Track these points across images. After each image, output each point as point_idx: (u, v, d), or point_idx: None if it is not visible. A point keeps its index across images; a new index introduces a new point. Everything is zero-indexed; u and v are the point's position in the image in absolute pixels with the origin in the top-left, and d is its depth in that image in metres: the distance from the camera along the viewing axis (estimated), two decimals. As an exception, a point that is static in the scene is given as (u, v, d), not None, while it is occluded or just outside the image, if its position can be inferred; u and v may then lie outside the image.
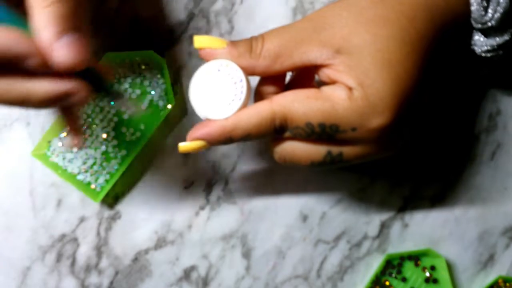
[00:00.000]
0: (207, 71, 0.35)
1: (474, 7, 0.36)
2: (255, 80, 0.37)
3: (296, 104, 0.33)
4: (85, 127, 0.44)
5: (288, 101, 0.33)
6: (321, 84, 0.35)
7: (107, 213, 0.46)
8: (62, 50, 0.27)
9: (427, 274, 0.49)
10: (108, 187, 0.44)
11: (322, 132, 0.33)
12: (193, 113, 0.45)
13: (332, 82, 0.34)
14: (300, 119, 0.33)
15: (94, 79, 0.30)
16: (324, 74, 0.34)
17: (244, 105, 0.34)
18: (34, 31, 0.27)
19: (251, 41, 0.34)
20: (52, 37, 0.27)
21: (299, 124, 0.33)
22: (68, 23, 0.27)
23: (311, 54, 0.33)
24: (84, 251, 0.46)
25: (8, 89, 0.27)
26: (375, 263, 0.48)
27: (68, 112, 0.34)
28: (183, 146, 0.35)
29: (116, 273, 0.46)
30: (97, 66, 0.31)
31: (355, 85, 0.32)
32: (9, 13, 0.27)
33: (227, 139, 0.34)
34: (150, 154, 0.45)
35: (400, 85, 0.33)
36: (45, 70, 0.27)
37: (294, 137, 0.35)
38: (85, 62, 0.28)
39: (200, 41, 0.34)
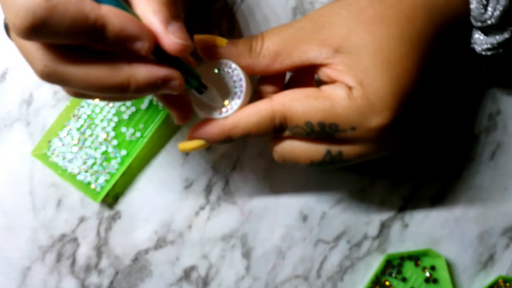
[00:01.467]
0: (206, 70, 0.34)
1: (473, 5, 0.36)
2: (254, 79, 0.37)
3: (296, 103, 0.33)
4: (85, 127, 0.44)
5: (288, 100, 0.33)
6: (320, 83, 0.35)
7: (107, 213, 0.46)
8: (174, 35, 0.28)
9: (427, 274, 0.49)
10: (108, 187, 0.44)
11: (322, 131, 0.33)
12: (193, 112, 0.45)
13: (332, 82, 0.34)
14: (299, 118, 0.33)
15: (183, 69, 0.30)
16: (323, 73, 0.34)
17: (244, 104, 0.34)
18: (141, 16, 0.28)
19: (251, 40, 0.34)
20: (163, 22, 0.28)
21: (299, 123, 0.33)
22: (174, 10, 0.28)
23: (311, 53, 0.33)
24: (84, 251, 0.46)
25: (111, 74, 0.28)
26: (375, 263, 0.48)
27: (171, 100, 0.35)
28: (183, 145, 0.35)
29: (116, 273, 0.46)
30: (185, 57, 0.32)
31: (355, 84, 0.32)
32: None
33: (227, 138, 0.34)
34: (150, 154, 0.45)
35: (399, 84, 0.33)
36: (147, 54, 0.28)
37: (293, 136, 0.35)
38: (190, 49, 0.29)
39: (200, 40, 0.34)
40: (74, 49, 0.27)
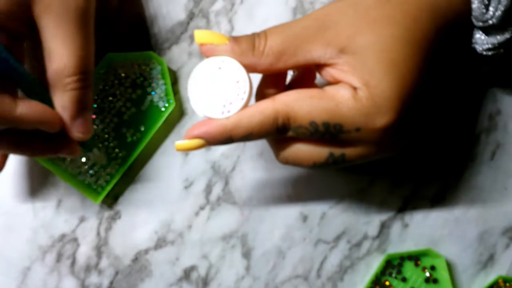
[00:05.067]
0: (207, 68, 0.34)
1: (475, 5, 0.36)
2: (255, 79, 0.37)
3: (300, 102, 0.33)
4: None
5: (292, 99, 0.33)
6: (322, 84, 0.35)
7: (107, 213, 0.46)
8: (79, 128, 0.35)
9: (427, 274, 0.49)
10: (108, 188, 0.44)
11: (326, 132, 0.33)
12: (193, 113, 0.45)
13: (336, 82, 0.34)
14: (304, 117, 0.33)
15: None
16: (328, 73, 0.34)
17: (246, 104, 0.34)
18: (56, 106, 0.35)
19: (253, 38, 0.33)
20: (69, 118, 0.35)
21: (303, 123, 0.33)
22: (83, 105, 0.35)
23: (315, 53, 0.33)
24: (84, 251, 0.46)
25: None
26: (375, 263, 0.48)
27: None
28: (181, 144, 0.34)
29: (116, 273, 0.46)
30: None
31: (360, 85, 0.32)
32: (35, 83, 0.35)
33: (227, 139, 0.34)
34: (150, 154, 0.45)
35: (404, 85, 0.32)
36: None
37: (296, 137, 0.35)
38: (89, 136, 0.36)
39: (201, 36, 0.33)
40: None
